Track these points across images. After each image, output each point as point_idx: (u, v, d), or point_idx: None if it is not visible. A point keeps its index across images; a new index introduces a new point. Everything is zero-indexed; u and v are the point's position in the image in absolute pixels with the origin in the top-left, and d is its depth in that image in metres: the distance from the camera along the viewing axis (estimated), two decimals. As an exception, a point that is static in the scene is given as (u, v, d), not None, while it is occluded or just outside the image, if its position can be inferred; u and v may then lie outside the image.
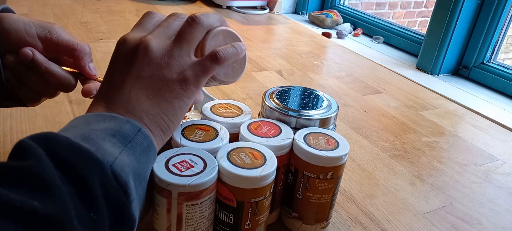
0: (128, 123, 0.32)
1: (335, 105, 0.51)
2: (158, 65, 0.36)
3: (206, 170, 0.38)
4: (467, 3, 1.06)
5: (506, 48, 2.79)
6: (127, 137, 0.31)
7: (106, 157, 0.29)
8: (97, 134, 0.30)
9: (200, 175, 0.37)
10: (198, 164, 0.39)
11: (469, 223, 0.54)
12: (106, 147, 0.29)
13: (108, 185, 0.28)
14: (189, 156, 0.40)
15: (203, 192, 0.38)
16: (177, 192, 0.36)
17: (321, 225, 0.48)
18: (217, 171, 0.39)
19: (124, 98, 0.35)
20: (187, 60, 0.37)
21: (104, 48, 1.02)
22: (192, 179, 0.37)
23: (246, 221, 0.41)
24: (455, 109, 0.92)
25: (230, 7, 1.62)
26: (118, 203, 0.28)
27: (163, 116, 0.36)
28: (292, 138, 0.45)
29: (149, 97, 0.35)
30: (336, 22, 1.52)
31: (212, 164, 0.39)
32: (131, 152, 0.31)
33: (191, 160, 0.39)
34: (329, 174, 0.44)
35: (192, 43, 0.38)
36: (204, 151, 0.41)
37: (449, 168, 0.67)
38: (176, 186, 0.36)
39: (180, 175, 0.37)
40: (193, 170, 0.38)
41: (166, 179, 0.36)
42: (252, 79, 0.95)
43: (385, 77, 1.07)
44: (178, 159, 0.39)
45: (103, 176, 0.28)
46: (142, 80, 0.35)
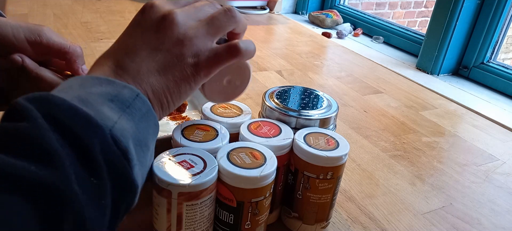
0: (126, 88, 0.31)
1: (335, 105, 0.51)
2: (179, 42, 0.34)
3: (206, 170, 0.38)
4: (467, 3, 1.06)
5: (506, 48, 2.79)
6: (125, 101, 0.30)
7: (105, 121, 0.27)
8: (94, 97, 0.29)
9: (200, 175, 0.37)
10: (198, 164, 0.39)
11: (469, 223, 0.54)
12: (104, 111, 0.28)
13: (108, 150, 0.27)
14: (189, 156, 0.40)
15: (203, 192, 0.37)
16: (177, 192, 0.36)
17: (321, 225, 0.48)
18: (217, 171, 0.39)
19: (135, 66, 0.33)
20: (207, 44, 0.36)
21: (104, 48, 1.02)
22: (192, 179, 0.37)
23: (246, 221, 0.41)
24: (455, 109, 0.92)
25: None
26: (119, 168, 0.27)
27: (167, 95, 0.34)
28: (292, 138, 0.45)
29: (160, 72, 0.34)
30: (336, 22, 1.52)
31: (212, 164, 0.39)
32: (130, 117, 0.30)
33: (191, 160, 0.39)
34: (329, 174, 0.44)
35: (219, 32, 0.36)
36: (204, 151, 0.41)
37: (449, 168, 0.67)
38: (176, 186, 0.36)
39: (180, 175, 0.37)
40: (193, 170, 0.38)
41: (166, 179, 0.36)
42: (252, 79, 0.95)
43: (385, 77, 1.07)
44: (178, 159, 0.39)
45: (103, 140, 0.27)
46: (159, 53, 0.34)
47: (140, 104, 0.31)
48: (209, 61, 0.35)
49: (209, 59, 0.35)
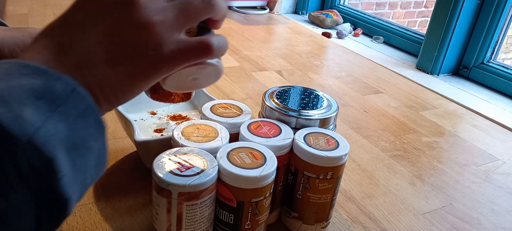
0: (60, 81, 0.25)
1: (335, 105, 0.51)
2: (139, 28, 0.28)
3: (206, 170, 0.38)
4: (467, 3, 1.06)
5: (506, 48, 2.79)
6: (56, 99, 0.25)
7: (24, 127, 0.23)
8: (17, 93, 0.24)
9: (200, 175, 0.37)
10: (198, 164, 0.39)
11: (469, 223, 0.54)
12: (25, 114, 0.23)
13: (24, 163, 0.22)
14: (189, 156, 0.40)
15: (203, 192, 0.37)
16: (177, 192, 0.36)
17: (321, 225, 0.48)
18: (217, 171, 0.39)
19: (82, 52, 0.27)
20: (174, 34, 0.29)
21: (104, 48, 1.02)
22: (192, 179, 0.37)
23: (246, 221, 0.41)
24: (455, 109, 0.92)
25: (230, 7, 1.62)
26: (41, 182, 0.23)
27: (117, 91, 0.29)
28: (292, 138, 0.45)
29: (112, 63, 0.28)
30: (336, 22, 1.52)
31: (212, 164, 0.39)
32: (61, 117, 0.25)
33: (191, 160, 0.39)
34: (329, 174, 0.44)
35: (191, 20, 0.30)
36: (204, 151, 0.41)
37: (449, 168, 0.67)
38: (176, 186, 0.36)
39: (180, 175, 0.37)
40: (193, 170, 0.38)
41: (166, 179, 0.36)
42: (252, 79, 0.95)
43: (385, 77, 1.07)
44: (178, 159, 0.39)
45: (17, 152, 0.22)
46: (113, 38, 0.28)
47: (76, 101, 0.26)
48: (173, 56, 0.29)
49: (174, 53, 0.29)
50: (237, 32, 1.32)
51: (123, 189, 0.52)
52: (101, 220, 0.47)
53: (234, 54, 1.10)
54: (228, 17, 1.50)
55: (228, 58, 1.06)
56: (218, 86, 0.88)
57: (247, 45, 1.19)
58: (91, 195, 0.51)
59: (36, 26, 0.84)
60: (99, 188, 0.52)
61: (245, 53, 1.12)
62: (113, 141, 0.63)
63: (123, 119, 0.53)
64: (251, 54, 1.11)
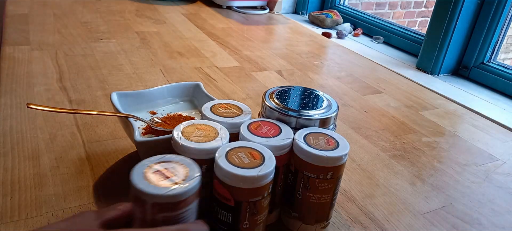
0: None
1: (335, 105, 0.51)
2: None
3: (187, 180, 0.36)
4: (467, 3, 1.06)
5: (506, 48, 2.79)
6: None
7: None
8: None
9: (179, 186, 0.35)
10: (179, 174, 0.37)
11: (469, 223, 0.54)
12: None
13: None
14: (172, 164, 0.38)
15: (181, 204, 0.35)
16: (152, 202, 0.34)
17: (321, 225, 0.48)
18: (198, 181, 0.36)
19: None
20: None
21: (104, 48, 1.02)
22: (168, 189, 0.34)
23: (244, 220, 0.41)
24: (455, 109, 0.92)
25: (230, 7, 1.62)
26: None
27: None
28: (292, 138, 0.45)
29: None
30: (336, 22, 1.52)
31: (194, 174, 0.37)
32: None
33: (174, 168, 0.37)
34: (329, 174, 0.44)
35: None
36: (189, 160, 0.38)
37: (449, 168, 0.67)
38: (151, 195, 0.34)
39: (157, 184, 0.35)
40: (173, 179, 0.36)
41: (142, 187, 0.34)
42: (252, 79, 0.95)
43: (385, 77, 1.07)
44: (159, 167, 0.37)
45: None
46: None
47: None
48: None
49: None
50: (237, 32, 1.32)
51: (123, 189, 0.52)
52: (101, 220, 0.47)
53: (234, 54, 1.10)
54: (228, 17, 1.50)
55: (228, 58, 1.06)
56: (218, 86, 0.88)
57: (247, 45, 1.19)
58: (91, 195, 0.51)
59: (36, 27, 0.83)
60: (99, 188, 0.52)
61: (245, 53, 1.12)
62: (113, 141, 0.63)
63: (123, 119, 0.53)
64: (251, 54, 1.11)
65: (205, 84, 0.88)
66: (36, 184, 0.51)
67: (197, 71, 0.95)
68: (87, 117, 0.68)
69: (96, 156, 0.59)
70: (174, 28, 1.27)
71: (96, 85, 0.81)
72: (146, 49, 1.05)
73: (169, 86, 0.64)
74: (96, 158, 0.58)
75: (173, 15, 1.42)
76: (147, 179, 0.35)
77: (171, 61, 0.99)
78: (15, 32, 1.04)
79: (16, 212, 0.47)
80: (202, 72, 0.95)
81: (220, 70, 0.97)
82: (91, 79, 0.83)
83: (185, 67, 0.96)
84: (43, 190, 0.50)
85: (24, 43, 0.98)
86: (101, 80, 0.84)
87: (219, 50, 1.12)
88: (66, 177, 0.53)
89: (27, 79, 0.79)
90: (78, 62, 0.91)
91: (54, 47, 0.98)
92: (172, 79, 0.88)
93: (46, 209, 0.47)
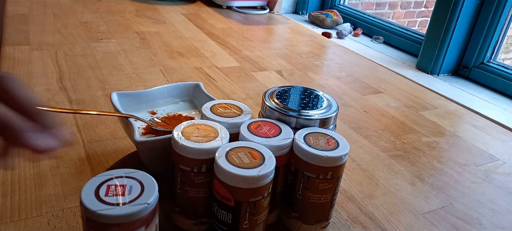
0: None
1: (335, 105, 0.51)
2: None
3: (139, 200, 0.34)
4: (467, 3, 1.06)
5: (506, 48, 2.79)
6: None
7: None
8: None
9: (118, 207, 0.33)
10: (133, 191, 0.35)
11: (469, 223, 0.54)
12: None
13: None
14: (129, 180, 0.36)
15: (114, 227, 0.33)
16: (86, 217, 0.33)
17: (321, 225, 0.48)
18: (145, 209, 0.34)
19: None
20: None
21: (104, 48, 1.02)
22: (104, 207, 0.32)
23: (244, 220, 0.41)
24: (455, 109, 0.92)
25: (230, 7, 1.62)
26: None
27: None
28: (292, 138, 0.45)
29: None
30: (336, 22, 1.52)
31: (145, 199, 0.34)
32: None
33: (131, 187, 0.35)
34: (329, 174, 0.44)
35: None
36: (147, 176, 0.37)
37: (449, 168, 0.67)
38: (84, 208, 0.33)
39: (104, 201, 0.33)
40: (118, 198, 0.34)
41: (86, 203, 0.33)
42: (252, 79, 0.95)
43: (385, 77, 1.07)
44: (115, 182, 0.36)
45: None
46: None
47: None
48: None
49: None
50: (237, 32, 1.32)
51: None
52: (101, 220, 0.47)
53: (234, 54, 1.10)
54: (228, 17, 1.50)
55: (228, 58, 1.06)
56: (218, 86, 0.88)
57: (247, 45, 1.19)
58: (91, 195, 0.51)
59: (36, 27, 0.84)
60: (99, 188, 0.52)
61: (245, 53, 1.12)
62: (113, 141, 0.63)
63: (123, 119, 0.53)
64: (251, 54, 1.11)
65: (205, 84, 0.88)
66: (36, 184, 0.51)
67: (197, 71, 0.95)
68: (87, 117, 0.68)
69: (96, 156, 0.59)
70: (174, 28, 1.27)
71: (96, 85, 0.81)
72: (146, 49, 1.05)
73: (169, 86, 0.64)
74: (96, 158, 0.58)
75: (173, 15, 1.42)
76: (96, 189, 0.34)
77: (171, 61, 0.99)
78: (15, 32, 1.04)
79: (16, 212, 0.47)
80: (202, 72, 0.95)
81: (220, 70, 0.97)
82: (91, 79, 0.83)
83: (185, 67, 0.96)
84: (43, 190, 0.50)
85: (24, 43, 0.98)
86: (101, 80, 0.84)
87: (219, 50, 1.12)
88: (66, 177, 0.53)
89: (27, 79, 0.79)
90: (78, 62, 0.91)
91: (54, 47, 0.98)
92: (172, 79, 0.88)
93: (46, 209, 0.47)
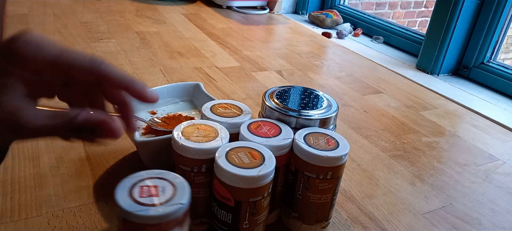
0: None
1: (335, 105, 0.51)
2: None
3: (173, 200, 0.34)
4: (467, 3, 1.06)
5: (506, 48, 2.79)
6: None
7: None
8: None
9: (154, 208, 0.33)
10: (165, 195, 0.35)
11: (469, 223, 0.54)
12: None
13: None
14: (161, 181, 0.36)
15: (150, 228, 0.33)
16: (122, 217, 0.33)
17: (321, 225, 0.48)
18: (179, 209, 0.34)
19: None
20: None
21: (104, 48, 1.02)
22: (140, 208, 0.33)
23: (244, 220, 0.41)
24: (455, 109, 0.92)
25: (230, 7, 1.62)
26: None
27: None
28: (292, 138, 0.45)
29: None
30: (336, 22, 1.52)
31: (179, 199, 0.34)
32: None
33: (163, 188, 0.35)
34: (329, 174, 0.44)
35: None
36: (177, 177, 0.37)
37: (449, 168, 0.67)
38: (121, 210, 0.33)
39: (140, 202, 0.34)
40: (153, 199, 0.34)
41: (117, 197, 0.33)
42: (252, 79, 0.95)
43: (385, 77, 1.07)
44: (150, 182, 0.36)
45: None
46: None
47: None
48: None
49: None
50: (237, 32, 1.32)
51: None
52: (101, 220, 0.47)
53: (234, 54, 1.10)
54: (228, 17, 1.50)
55: (228, 58, 1.06)
56: (218, 86, 0.88)
57: (247, 45, 1.19)
58: (91, 195, 0.51)
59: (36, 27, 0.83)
60: (99, 188, 0.52)
61: (245, 53, 1.12)
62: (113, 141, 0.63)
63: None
64: (251, 54, 1.11)
65: (205, 84, 0.88)
66: (36, 184, 0.51)
67: (197, 71, 0.95)
68: (87, 117, 0.68)
69: (96, 156, 0.59)
70: (174, 28, 1.27)
71: (96, 85, 0.81)
72: (146, 49, 1.05)
73: (169, 86, 0.64)
74: (96, 158, 0.58)
75: (173, 15, 1.42)
76: (130, 191, 0.34)
77: (171, 61, 0.99)
78: (15, 32, 1.04)
79: (16, 212, 0.47)
80: (202, 72, 0.95)
81: (220, 70, 0.97)
82: (91, 79, 0.83)
83: (185, 67, 0.96)
84: (43, 190, 0.50)
85: (24, 43, 0.98)
86: (101, 80, 0.84)
87: (219, 50, 1.12)
88: (66, 177, 0.53)
89: (27, 79, 0.79)
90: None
91: (54, 47, 0.98)
92: (172, 79, 0.88)
93: (46, 209, 0.47)
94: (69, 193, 0.50)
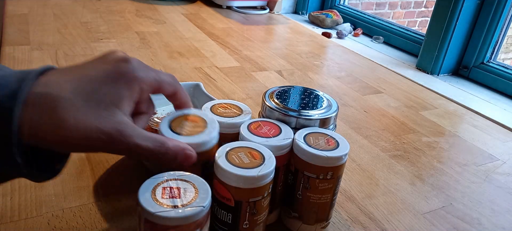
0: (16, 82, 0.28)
1: (335, 105, 0.51)
2: None
3: (195, 202, 0.34)
4: (467, 3, 1.06)
5: (506, 48, 2.79)
6: None
7: None
8: None
9: (175, 210, 0.33)
10: (186, 197, 0.35)
11: (469, 223, 0.54)
12: None
13: None
14: (183, 183, 0.36)
15: (185, 228, 0.34)
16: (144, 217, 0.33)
17: (321, 225, 0.48)
18: (200, 211, 0.34)
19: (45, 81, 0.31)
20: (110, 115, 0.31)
21: (104, 48, 1.02)
22: (161, 209, 0.33)
23: (244, 220, 0.41)
24: (455, 109, 0.92)
25: (230, 7, 1.62)
26: None
27: None
28: (292, 138, 0.45)
29: None
30: (336, 22, 1.52)
31: (201, 202, 0.34)
32: None
33: (185, 190, 0.36)
34: (329, 174, 0.44)
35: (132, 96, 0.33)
36: (199, 179, 0.37)
37: (449, 168, 0.67)
38: (143, 209, 0.33)
39: (162, 203, 0.34)
40: (175, 201, 0.34)
41: (139, 197, 0.34)
42: (252, 79, 0.95)
43: (385, 77, 1.07)
44: (173, 184, 0.36)
45: None
46: None
47: None
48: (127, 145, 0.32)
49: None
50: (237, 32, 1.32)
51: (123, 189, 0.52)
52: (101, 220, 0.47)
53: (234, 54, 1.10)
54: (228, 17, 1.50)
55: (228, 58, 1.06)
56: (218, 87, 0.88)
57: (247, 45, 1.19)
58: (91, 195, 0.51)
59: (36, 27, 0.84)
60: (99, 188, 0.52)
61: (245, 53, 1.12)
62: (113, 141, 0.63)
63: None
64: (251, 54, 1.11)
65: (205, 84, 0.88)
66: (36, 184, 0.51)
67: (197, 71, 0.95)
68: (87, 117, 0.68)
69: (96, 156, 0.59)
70: (174, 28, 1.27)
71: (96, 85, 0.81)
72: (146, 49, 1.05)
73: (169, 86, 0.64)
74: (96, 158, 0.58)
75: (173, 15, 1.42)
76: (153, 191, 0.35)
77: (171, 61, 0.99)
78: (15, 32, 1.04)
79: (16, 212, 0.47)
80: (202, 72, 0.95)
81: (220, 70, 0.97)
82: (91, 79, 0.83)
83: (185, 67, 0.96)
84: (43, 190, 0.50)
85: (24, 43, 0.98)
86: (101, 80, 0.84)
87: (219, 50, 1.12)
88: (66, 177, 0.53)
89: (27, 79, 0.79)
90: (78, 62, 0.91)
91: (54, 47, 0.98)
92: (172, 79, 0.88)
93: (46, 209, 0.47)
94: (69, 193, 0.50)
